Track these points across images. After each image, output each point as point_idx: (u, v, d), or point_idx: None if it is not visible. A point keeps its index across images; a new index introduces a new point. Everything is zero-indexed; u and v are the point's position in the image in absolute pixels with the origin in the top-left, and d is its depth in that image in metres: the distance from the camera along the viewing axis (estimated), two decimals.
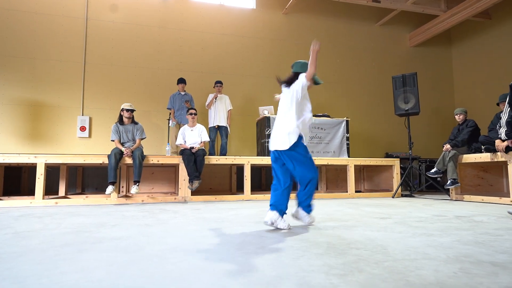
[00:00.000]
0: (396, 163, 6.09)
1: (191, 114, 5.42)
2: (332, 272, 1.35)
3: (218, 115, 6.51)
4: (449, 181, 5.05)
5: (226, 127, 6.54)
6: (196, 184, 4.86)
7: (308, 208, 2.56)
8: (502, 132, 3.25)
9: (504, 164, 4.74)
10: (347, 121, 6.35)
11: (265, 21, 7.95)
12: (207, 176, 6.33)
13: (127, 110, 4.91)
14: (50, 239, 2.05)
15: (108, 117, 6.72)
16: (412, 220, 2.86)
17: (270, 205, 2.44)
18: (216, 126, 6.51)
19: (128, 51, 7.09)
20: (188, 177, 4.90)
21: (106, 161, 4.63)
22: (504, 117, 3.29)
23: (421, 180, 7.31)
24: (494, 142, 4.53)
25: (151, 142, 6.74)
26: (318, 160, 5.75)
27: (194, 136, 5.37)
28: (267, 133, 5.95)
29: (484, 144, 4.78)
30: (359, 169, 7.03)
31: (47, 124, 6.54)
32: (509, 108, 3.26)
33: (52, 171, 5.75)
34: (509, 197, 4.41)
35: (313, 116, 6.25)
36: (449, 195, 5.31)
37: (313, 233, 2.23)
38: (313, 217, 2.61)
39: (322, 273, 1.33)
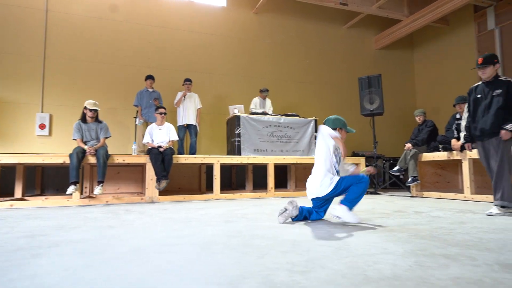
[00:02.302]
0: (361, 161, 6.29)
1: (160, 113, 5.30)
2: (296, 269, 1.37)
3: (187, 113, 6.41)
4: (410, 179, 5.29)
5: (195, 126, 6.46)
6: (163, 183, 4.76)
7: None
8: (462, 136, 3.45)
9: (460, 162, 5.04)
10: (315, 120, 6.47)
11: (235, 19, 7.92)
12: (176, 175, 6.21)
13: (91, 110, 4.71)
14: (1, 243, 1.92)
15: (70, 115, 6.40)
16: (375, 217, 2.97)
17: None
18: (185, 125, 6.40)
19: (92, 46, 6.80)
20: (155, 177, 4.79)
21: (68, 161, 4.41)
22: (463, 122, 3.50)
23: (385, 177, 7.61)
24: (451, 141, 4.81)
25: (117, 141, 6.51)
26: (287, 159, 5.82)
27: (162, 135, 5.26)
28: (237, 132, 5.94)
29: (442, 143, 5.06)
30: None
31: (2, 121, 6.13)
32: (467, 114, 3.46)
33: (7, 171, 5.40)
34: (463, 193, 4.70)
35: (282, 115, 6.35)
36: (410, 192, 5.57)
37: (279, 232, 2.25)
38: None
39: (286, 271, 1.34)
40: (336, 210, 2.60)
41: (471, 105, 3.41)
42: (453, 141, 4.77)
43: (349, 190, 2.59)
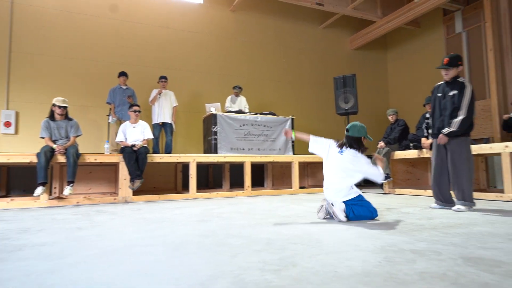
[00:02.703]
0: None
1: (134, 111, 5.16)
2: (268, 268, 1.37)
3: (163, 111, 6.29)
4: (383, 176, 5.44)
5: (171, 124, 6.35)
6: (137, 183, 4.65)
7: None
8: (424, 131, 3.58)
9: (429, 159, 5.22)
10: (292, 119, 6.52)
11: (212, 17, 7.84)
12: (151, 174, 6.08)
13: (60, 107, 4.52)
14: None
15: (38, 112, 6.11)
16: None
17: None
18: (161, 123, 6.28)
19: (62, 41, 6.53)
20: (129, 176, 4.67)
21: (35, 160, 4.22)
22: (423, 120, 3.62)
23: None
24: (421, 140, 4.98)
25: (89, 140, 6.29)
26: (264, 158, 5.83)
27: (136, 133, 5.13)
28: (213, 130, 5.89)
29: (412, 142, 5.23)
30: (303, 166, 7.27)
31: None
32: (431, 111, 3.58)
33: None
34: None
35: (259, 114, 6.35)
36: (383, 189, 5.73)
37: (253, 230, 2.25)
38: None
39: (258, 270, 1.34)
40: (336, 203, 2.63)
41: (433, 103, 3.54)
42: (423, 140, 4.93)
43: (361, 208, 2.66)
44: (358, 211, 2.63)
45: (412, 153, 5.15)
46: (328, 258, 1.51)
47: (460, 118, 3.18)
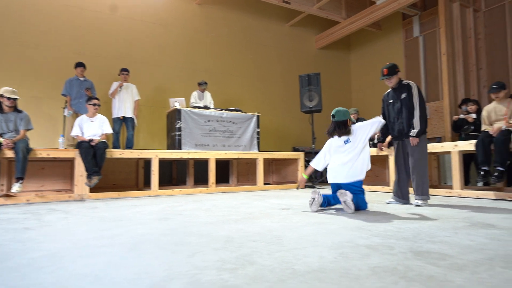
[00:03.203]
0: (301, 156, 6.52)
1: (94, 104, 4.91)
2: (225, 267, 1.35)
3: (124, 105, 6.04)
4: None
5: (132, 119, 6.11)
6: (95, 180, 4.43)
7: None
8: (378, 135, 3.77)
9: (387, 157, 5.46)
10: (258, 116, 6.53)
11: (178, 9, 7.64)
12: (110, 171, 5.84)
13: (8, 99, 4.19)
14: None
15: None
16: (309, 210, 3.09)
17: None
18: (121, 117, 6.03)
19: (11, 26, 6.05)
20: (86, 173, 4.44)
21: None
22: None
23: (323, 172, 7.98)
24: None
25: (42, 134, 5.91)
26: (229, 154, 5.80)
27: (94, 127, 4.88)
28: (177, 125, 5.75)
29: (372, 140, 5.44)
30: (268, 162, 7.33)
31: None
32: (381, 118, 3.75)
33: None
34: (389, 186, 5.11)
35: (225, 110, 6.30)
36: None
37: (214, 228, 2.22)
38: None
39: (215, 269, 1.32)
40: (348, 193, 2.89)
41: (385, 110, 3.76)
42: (379, 145, 5.14)
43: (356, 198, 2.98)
44: (357, 203, 2.95)
45: (371, 151, 5.34)
46: (286, 255, 1.52)
47: (417, 116, 3.39)
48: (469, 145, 4.18)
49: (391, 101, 3.67)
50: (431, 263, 1.37)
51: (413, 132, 3.41)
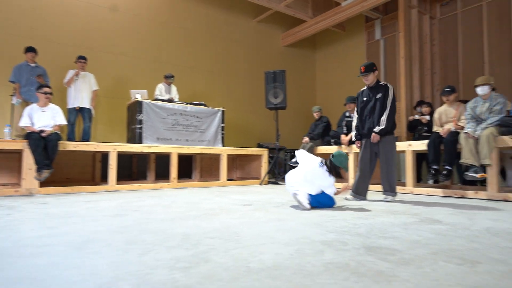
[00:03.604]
0: (264, 153, 6.56)
1: (45, 93, 4.58)
2: (178, 265, 1.31)
3: (80, 95, 5.70)
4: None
5: (89, 110, 5.80)
6: (46, 173, 4.15)
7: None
8: (353, 134, 3.85)
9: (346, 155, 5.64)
10: (223, 111, 6.46)
11: None
12: (64, 164, 5.51)
13: None
14: None
15: None
16: (270, 206, 3.11)
17: None
18: (77, 108, 5.69)
19: None
20: (35, 166, 4.15)
21: None
22: (354, 122, 3.87)
23: (286, 168, 8.10)
24: (340, 136, 5.34)
25: None
26: (192, 149, 5.69)
27: (45, 118, 4.57)
28: (138, 118, 5.54)
29: (333, 138, 5.59)
30: (232, 158, 7.29)
31: None
32: (357, 115, 3.84)
33: None
34: (347, 182, 5.29)
35: (189, 104, 6.17)
36: None
37: (171, 225, 2.16)
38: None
39: (167, 268, 1.27)
40: (301, 191, 2.93)
41: (359, 107, 3.83)
42: (342, 136, 5.31)
43: (323, 196, 3.01)
44: (323, 199, 2.99)
45: (332, 148, 5.49)
46: (242, 252, 1.51)
47: (385, 116, 3.53)
48: (421, 145, 4.42)
49: (365, 98, 3.74)
50: (381, 258, 1.42)
51: (377, 129, 3.54)
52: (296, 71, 9.64)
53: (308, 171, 3.07)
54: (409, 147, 4.54)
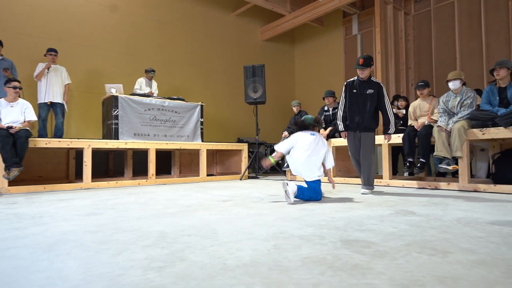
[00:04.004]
0: (244, 147, 6.54)
1: (14, 87, 4.37)
2: (153, 265, 1.27)
3: (52, 89, 5.47)
4: (286, 164, 5.75)
5: (62, 104, 5.58)
6: (15, 172, 3.97)
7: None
8: (340, 124, 3.85)
9: None
10: (201, 105, 6.38)
11: None
12: (36, 162, 5.30)
13: None
14: None
15: None
16: (249, 201, 3.10)
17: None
18: (49, 103, 5.47)
19: None
20: (3, 164, 3.96)
21: None
22: (340, 112, 3.87)
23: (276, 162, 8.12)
24: (320, 130, 5.38)
25: None
26: (170, 145, 5.59)
27: (14, 113, 4.36)
28: (114, 113, 5.38)
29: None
30: (212, 153, 7.23)
31: None
32: (343, 105, 3.85)
33: None
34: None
35: (167, 98, 6.05)
36: (286, 176, 6.07)
37: (148, 223, 2.11)
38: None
39: (140, 269, 1.23)
40: (291, 183, 2.98)
41: (347, 98, 3.82)
42: (321, 131, 5.35)
43: (307, 191, 3.06)
44: (308, 194, 3.05)
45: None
46: (219, 249, 1.49)
47: (391, 120, 3.70)
48: (397, 138, 4.52)
49: (354, 91, 3.74)
50: (357, 251, 1.43)
51: (391, 130, 3.75)
52: (275, 66, 9.64)
53: (311, 142, 3.16)
54: (385, 141, 4.63)
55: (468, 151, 3.87)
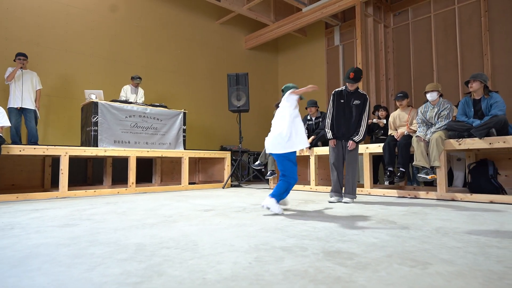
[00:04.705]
0: (227, 155, 6.49)
1: None
2: (129, 281, 1.22)
3: (22, 95, 5.27)
4: (269, 172, 5.74)
5: (33, 110, 5.39)
6: None
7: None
8: (328, 132, 3.88)
9: (308, 157, 5.74)
10: (184, 113, 6.31)
11: None
12: (9, 169, 5.09)
13: None
14: None
15: None
16: (231, 211, 3.05)
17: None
18: (19, 108, 5.27)
19: None
20: None
21: None
22: (327, 120, 3.91)
23: (249, 171, 8.09)
24: None
25: None
26: (152, 152, 5.49)
27: None
28: (94, 120, 5.24)
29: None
30: (194, 161, 7.15)
31: None
32: (330, 113, 3.90)
33: None
34: (310, 185, 5.38)
35: (149, 105, 5.96)
36: (269, 184, 6.05)
37: (125, 235, 2.03)
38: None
39: (115, 285, 1.18)
40: (266, 200, 2.89)
41: (334, 107, 3.88)
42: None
43: (277, 185, 2.96)
44: (278, 189, 2.94)
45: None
46: (199, 262, 1.44)
47: (364, 127, 3.71)
48: (378, 148, 4.60)
49: (342, 100, 3.81)
50: (339, 263, 1.42)
51: (357, 138, 3.71)
52: (259, 74, 9.69)
53: (280, 111, 3.07)
54: (366, 150, 4.71)
55: (445, 161, 3.97)
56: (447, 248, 1.66)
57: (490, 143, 3.64)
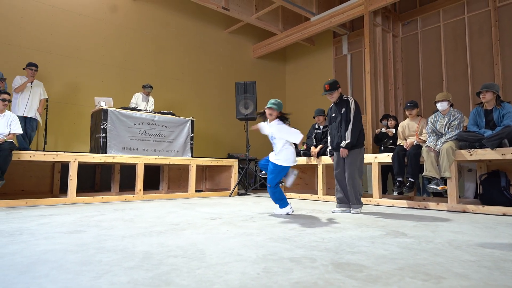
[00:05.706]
0: (234, 163, 6.49)
1: (4, 100, 4.32)
2: None
3: (27, 105, 5.36)
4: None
5: (34, 119, 5.47)
6: None
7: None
8: (329, 147, 3.91)
9: (316, 166, 5.70)
10: (192, 120, 6.35)
11: (110, 2, 7.11)
12: (19, 175, 5.15)
13: None
14: None
15: None
16: (239, 219, 3.03)
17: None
18: (22, 116, 5.36)
19: None
20: None
21: None
22: (329, 138, 3.95)
23: (256, 179, 8.06)
24: (310, 148, 5.39)
25: None
26: (159, 159, 5.51)
27: (0, 125, 4.25)
28: (103, 127, 5.30)
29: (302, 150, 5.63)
30: (201, 168, 7.15)
31: None
32: (328, 130, 3.94)
33: None
34: (317, 194, 5.33)
35: (158, 113, 6.01)
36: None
37: (132, 242, 2.03)
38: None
39: None
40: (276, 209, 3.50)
41: (329, 122, 3.94)
42: (312, 148, 5.37)
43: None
44: (272, 197, 3.53)
45: (302, 160, 5.53)
46: (207, 272, 1.43)
47: (349, 129, 3.61)
48: (387, 157, 4.55)
49: (333, 115, 3.85)
50: (349, 275, 1.39)
51: (344, 143, 3.61)
52: (266, 83, 9.72)
53: (273, 131, 3.42)
54: (375, 160, 4.66)
55: (456, 171, 3.91)
56: (461, 262, 1.61)
57: (502, 154, 3.57)
